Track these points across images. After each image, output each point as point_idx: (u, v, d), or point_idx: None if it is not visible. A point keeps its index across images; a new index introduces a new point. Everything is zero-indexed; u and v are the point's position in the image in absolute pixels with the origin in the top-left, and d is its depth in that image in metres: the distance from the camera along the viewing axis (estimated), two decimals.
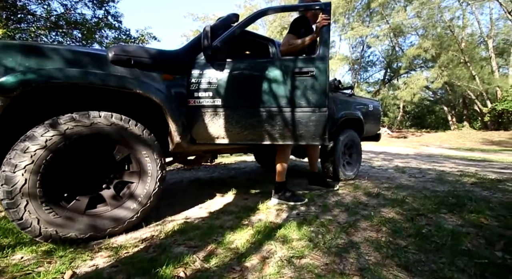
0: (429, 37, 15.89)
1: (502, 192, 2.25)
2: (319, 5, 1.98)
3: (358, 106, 3.30)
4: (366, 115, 3.45)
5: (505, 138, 13.29)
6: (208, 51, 1.58)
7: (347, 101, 3.13)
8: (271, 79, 1.86)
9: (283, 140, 1.86)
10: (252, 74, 1.85)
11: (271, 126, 1.95)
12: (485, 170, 4.36)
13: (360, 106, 3.33)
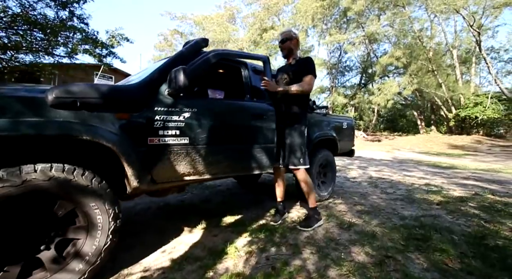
0: (401, 46, 16.79)
1: (464, 216, 2.36)
2: (260, 57, 2.30)
3: (333, 126, 3.32)
4: (340, 133, 3.49)
5: (467, 143, 14.41)
6: (180, 92, 1.53)
7: (322, 121, 3.13)
8: (243, 118, 2.02)
9: (254, 170, 2.06)
10: (223, 112, 1.92)
11: (243, 160, 1.95)
12: (450, 180, 4.62)
13: (334, 126, 3.35)
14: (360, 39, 17.85)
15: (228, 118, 1.94)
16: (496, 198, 3.09)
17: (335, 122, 3.40)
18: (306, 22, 17.54)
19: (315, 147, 2.97)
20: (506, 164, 8.58)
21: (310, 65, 2.10)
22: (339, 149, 3.47)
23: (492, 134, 16.59)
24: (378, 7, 16.82)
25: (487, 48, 19.03)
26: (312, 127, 2.88)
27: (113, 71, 13.27)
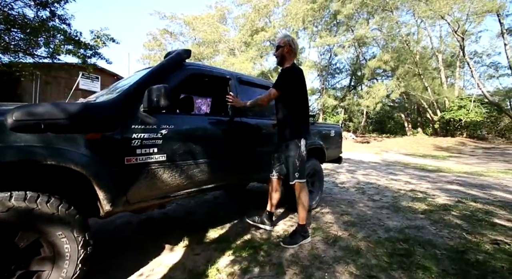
0: (389, 50, 17.14)
1: (447, 227, 2.39)
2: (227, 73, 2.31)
3: (320, 134, 3.31)
4: (328, 141, 3.49)
5: (452, 145, 14.86)
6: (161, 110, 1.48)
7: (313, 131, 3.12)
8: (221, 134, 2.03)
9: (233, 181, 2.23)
10: (203, 128, 1.91)
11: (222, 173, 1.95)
12: (435, 185, 4.72)
13: (322, 134, 3.34)
14: (349, 42, 18.11)
15: (207, 134, 1.92)
16: (478, 206, 3.16)
17: (323, 131, 3.39)
18: (297, 24, 17.62)
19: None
20: (487, 166, 8.88)
21: (280, 78, 2.06)
22: (327, 157, 3.47)
23: (475, 136, 17.20)
24: (367, 11, 17.11)
25: (471, 53, 19.74)
26: None
27: (99, 71, 12.90)
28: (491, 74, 21.43)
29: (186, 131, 1.76)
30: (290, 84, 2.02)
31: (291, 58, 2.13)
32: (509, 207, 3.14)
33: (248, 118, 2.31)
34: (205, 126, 1.92)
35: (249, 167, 2.31)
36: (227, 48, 21.92)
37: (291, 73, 2.03)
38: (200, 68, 2.07)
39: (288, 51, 2.09)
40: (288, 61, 2.12)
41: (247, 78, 2.49)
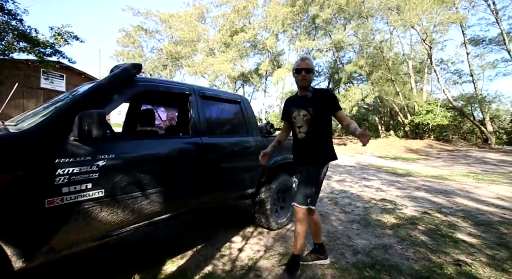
0: (364, 55, 17.77)
1: (413, 245, 2.39)
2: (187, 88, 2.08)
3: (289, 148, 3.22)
4: None
5: (421, 147, 15.76)
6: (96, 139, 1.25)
7: None
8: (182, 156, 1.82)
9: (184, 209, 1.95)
10: (158, 153, 1.70)
11: (174, 202, 1.78)
12: (404, 192, 4.86)
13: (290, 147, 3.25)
14: (327, 46, 18.51)
15: (160, 160, 1.71)
16: (442, 218, 3.25)
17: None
18: (276, 27, 17.67)
19: (274, 172, 2.84)
20: (451, 169, 9.47)
21: (334, 96, 1.89)
22: None
23: (441, 139, 18.39)
24: (344, 16, 17.60)
25: (437, 60, 21.08)
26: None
27: (64, 69, 11.92)
28: (455, 80, 23.08)
29: (132, 159, 1.54)
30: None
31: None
32: (470, 218, 3.27)
33: (212, 137, 2.13)
34: (157, 151, 1.70)
35: (214, 189, 2.13)
36: (206, 48, 21.44)
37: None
38: (155, 84, 1.85)
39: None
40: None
41: (211, 93, 2.30)
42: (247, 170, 2.47)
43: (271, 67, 21.33)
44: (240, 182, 2.40)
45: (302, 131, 1.87)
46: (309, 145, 1.87)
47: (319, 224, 2.03)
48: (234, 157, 2.33)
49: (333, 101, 1.83)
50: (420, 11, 13.42)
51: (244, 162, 2.43)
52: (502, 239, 2.56)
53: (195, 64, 18.30)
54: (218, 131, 2.28)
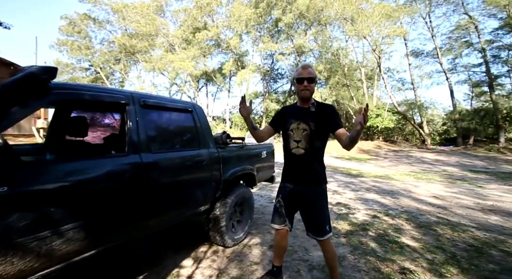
0: (323, 61, 18.74)
1: (365, 254, 2.45)
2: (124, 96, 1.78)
3: (251, 158, 3.09)
4: (260, 164, 3.31)
5: (371, 148, 17.27)
6: None
7: (238, 155, 2.85)
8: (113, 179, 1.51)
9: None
10: (76, 179, 1.37)
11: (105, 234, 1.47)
12: (357, 195, 5.14)
13: (252, 157, 3.13)
14: (289, 50, 19.04)
15: (80, 188, 1.39)
16: (390, 221, 3.47)
17: (253, 154, 3.18)
18: (240, 27, 17.51)
19: (230, 184, 2.67)
20: (396, 169, 10.51)
21: (338, 115, 1.73)
22: (258, 179, 3.28)
23: (388, 140, 20.45)
24: (305, 22, 18.29)
25: (385, 69, 23.36)
26: (226, 164, 2.56)
27: None
28: (399, 87, 25.92)
29: (38, 191, 1.21)
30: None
31: None
32: (412, 220, 3.55)
33: (156, 153, 1.86)
34: (75, 178, 1.38)
35: (158, 213, 1.86)
36: (166, 43, 20.20)
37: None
38: (77, 91, 1.51)
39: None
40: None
41: (156, 101, 2.01)
42: (199, 187, 2.25)
43: (235, 68, 21.11)
44: (190, 200, 2.17)
45: (301, 147, 1.67)
46: (309, 163, 1.69)
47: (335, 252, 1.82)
48: (184, 173, 2.08)
49: (336, 120, 1.66)
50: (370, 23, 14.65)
51: (196, 178, 2.21)
52: (439, 241, 2.80)
53: (153, 60, 17.08)
54: (164, 145, 2.01)
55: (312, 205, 1.70)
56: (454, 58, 21.78)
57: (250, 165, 3.01)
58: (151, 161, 1.78)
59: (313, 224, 1.72)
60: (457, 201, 4.86)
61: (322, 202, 1.71)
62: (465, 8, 19.10)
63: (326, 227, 1.69)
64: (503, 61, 19.91)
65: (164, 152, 1.95)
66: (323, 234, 1.68)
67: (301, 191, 1.71)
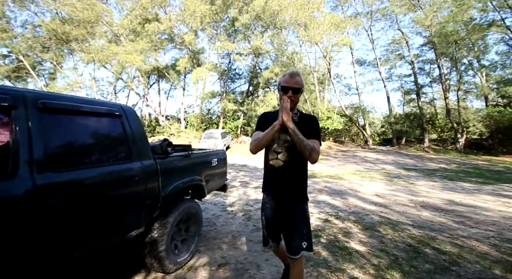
0: (279, 63, 19.23)
1: (317, 266, 2.38)
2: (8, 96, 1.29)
3: (199, 167, 2.77)
4: (210, 173, 3.01)
5: (323, 148, 18.38)
6: None
7: (182, 166, 2.50)
8: None
9: None
10: None
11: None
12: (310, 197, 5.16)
13: (200, 166, 2.81)
14: (246, 50, 18.99)
15: None
16: (340, 225, 3.55)
17: (202, 162, 2.86)
18: (195, 23, 16.70)
19: (172, 200, 2.31)
20: (344, 168, 11.31)
21: (319, 128, 1.61)
22: (208, 190, 2.99)
23: (337, 141, 22.14)
24: (261, 24, 18.46)
25: (334, 74, 25.26)
26: (166, 177, 2.20)
27: None
28: (346, 92, 28.40)
29: None
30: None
31: None
32: (359, 221, 3.71)
33: (61, 172, 1.41)
34: None
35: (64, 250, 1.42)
36: (110, 33, 18.04)
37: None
38: None
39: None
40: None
41: (64, 104, 1.54)
42: (129, 208, 1.85)
43: (190, 65, 20.09)
44: (114, 227, 1.76)
45: (280, 159, 1.51)
46: (288, 177, 1.56)
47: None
48: (104, 194, 1.66)
49: (314, 131, 1.54)
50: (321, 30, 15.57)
51: (123, 198, 1.80)
52: (382, 243, 2.93)
53: (93, 51, 14.98)
54: (76, 161, 1.56)
55: (290, 222, 1.59)
56: (390, 68, 24.88)
57: (198, 175, 2.70)
58: (50, 182, 1.33)
59: (288, 242, 1.60)
60: (395, 199, 5.33)
61: (299, 219, 1.58)
62: (398, 25, 21.92)
63: (302, 245, 1.57)
64: (427, 73, 23.52)
65: (74, 169, 1.51)
66: (297, 253, 1.57)
67: (280, 206, 1.61)
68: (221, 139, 15.20)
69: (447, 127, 21.05)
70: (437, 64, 20.34)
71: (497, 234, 3.38)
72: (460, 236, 3.27)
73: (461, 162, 13.61)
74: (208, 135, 15.40)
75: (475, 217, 4.17)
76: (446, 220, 3.96)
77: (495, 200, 5.29)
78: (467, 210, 4.56)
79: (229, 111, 22.45)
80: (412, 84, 23.42)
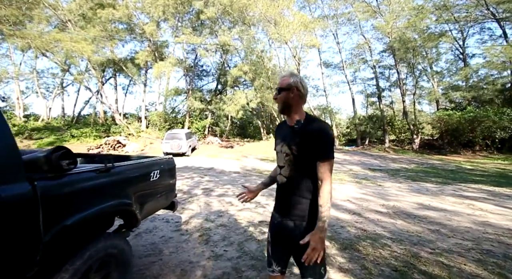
0: (248, 62, 18.65)
1: None
2: None
3: (126, 185, 1.96)
4: (148, 190, 2.22)
5: None
6: None
7: (95, 187, 1.67)
8: None
9: None
10: None
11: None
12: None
13: (130, 183, 2.00)
14: (213, 46, 18.04)
15: None
16: None
17: (132, 178, 2.04)
18: (157, 13, 15.23)
19: (71, 243, 1.51)
20: None
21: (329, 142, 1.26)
22: (144, 214, 2.20)
23: None
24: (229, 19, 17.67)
25: (303, 75, 25.55)
26: (60, 206, 1.40)
27: None
28: (314, 94, 29.03)
29: None
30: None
31: (301, 106, 1.39)
32: (335, 237, 3.23)
33: None
34: None
35: None
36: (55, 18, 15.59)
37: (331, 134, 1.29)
38: None
39: (296, 97, 1.36)
40: (297, 110, 1.37)
41: None
42: None
43: (152, 58, 18.41)
44: None
45: (283, 174, 1.38)
46: (291, 194, 1.35)
47: None
48: None
49: (320, 146, 1.25)
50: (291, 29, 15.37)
51: None
52: (366, 269, 2.45)
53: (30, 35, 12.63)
54: None
55: (296, 246, 1.28)
56: (354, 71, 26.01)
57: (125, 197, 1.89)
58: None
59: (300, 271, 1.35)
60: (367, 205, 5.05)
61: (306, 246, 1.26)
62: (361, 30, 22.91)
63: (322, 270, 1.29)
64: (386, 78, 25.05)
65: None
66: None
67: (286, 225, 1.37)
68: (185, 140, 14.05)
69: (404, 129, 22.62)
70: (396, 70, 21.72)
71: (475, 245, 3.17)
72: (442, 249, 2.98)
73: (419, 161, 14.50)
74: (171, 136, 14.13)
75: (448, 223, 4.00)
76: (422, 229, 3.72)
77: (461, 202, 5.32)
78: (438, 215, 4.42)
79: (195, 110, 21.20)
80: (374, 88, 24.77)
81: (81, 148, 16.36)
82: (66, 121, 23.97)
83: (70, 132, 17.38)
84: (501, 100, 19.30)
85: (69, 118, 26.37)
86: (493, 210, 4.76)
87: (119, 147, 15.16)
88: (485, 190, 6.84)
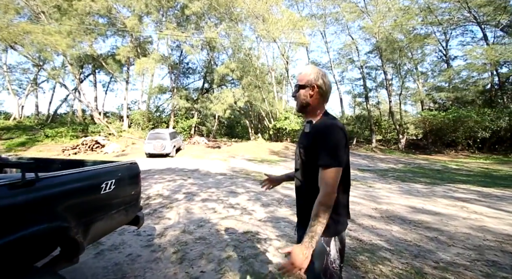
0: (235, 59, 18.17)
1: None
2: None
3: (61, 201, 1.48)
4: (97, 205, 1.74)
5: (281, 149, 17.99)
6: None
7: (6, 208, 1.19)
8: None
9: None
10: None
11: None
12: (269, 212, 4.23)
13: (68, 200, 1.52)
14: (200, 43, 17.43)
15: None
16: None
17: (74, 189, 1.56)
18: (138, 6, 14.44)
19: None
20: None
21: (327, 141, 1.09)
22: (92, 237, 1.72)
23: (294, 142, 22.09)
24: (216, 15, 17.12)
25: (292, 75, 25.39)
26: None
27: None
28: None
29: None
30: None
31: (322, 106, 1.24)
32: None
33: None
34: None
35: None
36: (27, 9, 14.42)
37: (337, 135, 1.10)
38: None
39: (317, 95, 1.21)
40: (317, 111, 1.23)
41: None
42: None
43: (134, 54, 17.51)
44: None
45: (297, 177, 1.28)
46: (303, 199, 1.25)
47: None
48: None
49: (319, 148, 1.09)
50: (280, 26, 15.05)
51: None
52: None
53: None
54: None
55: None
56: (342, 71, 26.13)
57: (58, 218, 1.41)
58: None
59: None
60: (360, 209, 4.77)
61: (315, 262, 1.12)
62: (349, 30, 23.00)
63: None
64: (373, 78, 25.34)
65: None
66: None
67: (300, 236, 1.25)
68: (169, 140, 13.37)
69: (390, 129, 22.95)
70: (382, 70, 21.98)
71: (478, 255, 2.91)
72: (446, 262, 2.69)
73: (406, 161, 14.60)
74: (154, 136, 13.41)
75: (445, 229, 3.76)
76: (420, 236, 3.44)
77: (454, 205, 5.15)
78: (433, 220, 4.19)
79: (181, 109, 20.46)
80: (361, 88, 24.99)
81: (55, 148, 15.25)
82: (40, 120, 22.48)
83: (44, 132, 16.18)
84: (482, 101, 19.96)
85: (43, 117, 24.80)
86: (488, 213, 4.60)
87: (97, 148, 14.22)
88: (474, 190, 6.78)
